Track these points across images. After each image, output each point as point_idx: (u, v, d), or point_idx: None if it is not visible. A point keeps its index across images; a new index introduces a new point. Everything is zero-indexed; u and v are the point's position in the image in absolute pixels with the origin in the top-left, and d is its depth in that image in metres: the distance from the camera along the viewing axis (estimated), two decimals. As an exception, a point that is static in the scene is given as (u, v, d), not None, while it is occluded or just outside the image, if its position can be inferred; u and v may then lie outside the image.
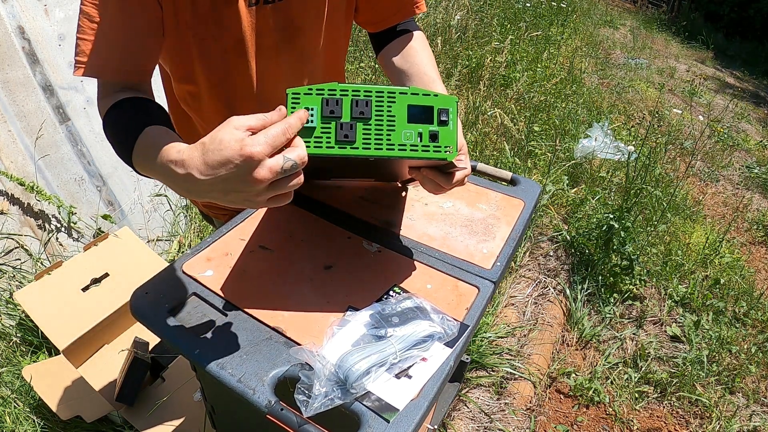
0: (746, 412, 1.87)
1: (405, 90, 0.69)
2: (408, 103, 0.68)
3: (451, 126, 0.69)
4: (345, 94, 0.67)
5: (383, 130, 0.67)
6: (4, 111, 1.63)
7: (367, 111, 0.67)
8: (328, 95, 0.66)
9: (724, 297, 2.30)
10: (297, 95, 0.66)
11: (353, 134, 0.66)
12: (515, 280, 2.26)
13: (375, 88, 0.68)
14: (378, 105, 0.68)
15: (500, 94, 3.26)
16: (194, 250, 0.88)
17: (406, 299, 0.78)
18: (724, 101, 4.73)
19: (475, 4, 4.21)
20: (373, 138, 0.67)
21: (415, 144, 0.68)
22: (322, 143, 0.66)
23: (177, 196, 2.15)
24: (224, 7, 0.81)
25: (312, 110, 0.66)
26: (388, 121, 0.68)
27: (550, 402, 1.84)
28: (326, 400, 0.63)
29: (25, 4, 1.65)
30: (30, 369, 1.42)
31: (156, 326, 0.75)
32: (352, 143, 0.66)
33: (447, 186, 0.77)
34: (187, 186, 0.59)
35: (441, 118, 0.69)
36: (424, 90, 0.69)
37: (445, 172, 0.77)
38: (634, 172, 2.47)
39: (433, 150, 0.68)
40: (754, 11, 7.68)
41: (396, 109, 0.68)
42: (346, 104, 0.67)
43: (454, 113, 0.69)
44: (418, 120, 0.68)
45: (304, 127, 0.65)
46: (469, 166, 0.79)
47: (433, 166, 0.76)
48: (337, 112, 0.66)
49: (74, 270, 1.63)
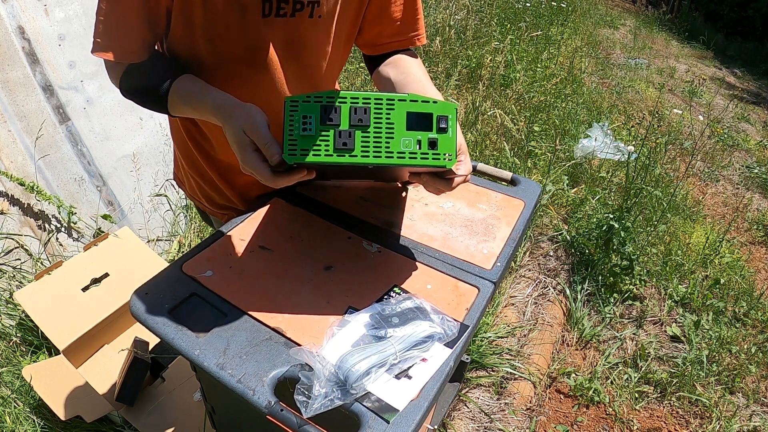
0: (746, 412, 1.87)
1: (404, 97, 0.68)
2: (407, 110, 0.68)
3: (450, 133, 0.68)
4: (343, 101, 0.66)
5: (382, 137, 0.67)
6: (4, 111, 1.63)
7: (366, 118, 0.66)
8: (326, 103, 0.66)
9: (724, 297, 2.30)
10: (295, 102, 0.66)
11: (352, 142, 0.66)
12: (515, 280, 2.26)
13: (374, 95, 0.68)
14: (377, 112, 0.67)
15: (500, 94, 3.26)
16: (194, 250, 0.88)
17: (406, 300, 0.78)
18: (724, 101, 4.73)
19: (475, 4, 4.21)
20: (371, 146, 0.66)
21: (414, 151, 0.67)
22: (321, 151, 0.65)
23: (177, 196, 2.15)
24: (238, 13, 0.82)
25: (310, 118, 0.65)
26: (386, 128, 0.67)
27: (550, 402, 1.84)
28: (326, 400, 0.63)
29: (25, 4, 1.65)
30: (30, 369, 1.42)
31: (156, 326, 0.75)
32: (351, 151, 0.66)
33: (448, 189, 0.78)
34: None
35: (440, 126, 0.68)
36: (423, 97, 0.69)
37: (445, 178, 0.77)
38: (634, 172, 2.47)
39: (432, 157, 0.68)
40: (754, 11, 7.68)
41: (395, 117, 0.67)
42: (344, 112, 0.66)
43: (453, 120, 0.68)
44: (417, 127, 0.68)
45: (303, 136, 0.65)
46: (470, 166, 0.79)
47: (433, 173, 0.76)
48: (335, 120, 0.66)
49: (74, 270, 1.63)
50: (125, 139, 1.95)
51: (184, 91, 0.82)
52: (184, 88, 0.82)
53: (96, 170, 1.88)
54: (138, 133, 1.99)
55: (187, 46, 0.86)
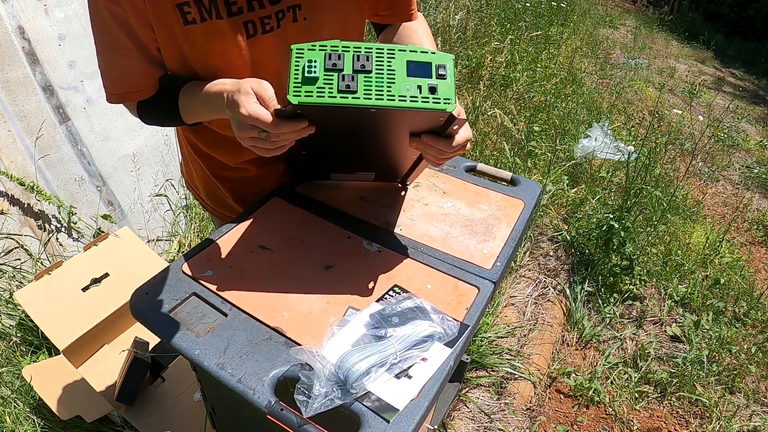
0: (746, 412, 1.87)
1: (404, 47, 0.72)
2: (407, 59, 0.71)
3: (449, 80, 0.71)
4: (347, 49, 0.69)
5: (383, 81, 0.69)
6: (4, 111, 1.63)
7: (368, 64, 0.69)
8: (330, 50, 0.69)
9: (724, 297, 2.30)
10: (301, 50, 0.69)
11: (355, 85, 0.68)
12: (515, 280, 2.26)
13: (375, 45, 0.71)
14: (378, 59, 0.70)
15: (500, 94, 3.26)
16: (194, 250, 0.88)
17: (406, 299, 0.78)
18: (724, 101, 4.73)
19: (475, 4, 4.21)
20: (374, 88, 0.69)
21: (415, 95, 0.69)
22: (325, 93, 0.67)
23: (177, 196, 2.15)
24: (219, 42, 0.82)
25: (315, 62, 0.68)
26: (388, 73, 0.70)
27: (550, 402, 1.84)
28: (326, 400, 0.63)
29: (25, 4, 1.65)
30: (30, 369, 1.42)
31: (156, 326, 0.75)
32: (354, 93, 0.68)
33: (448, 150, 0.78)
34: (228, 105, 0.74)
35: (439, 73, 0.71)
36: (422, 48, 0.72)
37: (445, 136, 0.77)
38: (634, 172, 2.47)
39: (433, 101, 0.70)
40: (754, 11, 7.68)
41: (396, 64, 0.70)
42: (347, 58, 0.69)
43: (451, 69, 0.71)
44: (416, 74, 0.70)
45: (307, 77, 0.68)
46: (469, 133, 0.80)
47: (433, 132, 0.77)
48: (339, 65, 0.68)
49: (74, 270, 1.63)
50: (125, 139, 1.95)
51: (190, 91, 0.85)
52: (189, 90, 0.85)
53: (96, 170, 1.88)
54: (138, 133, 1.99)
55: (187, 74, 0.87)
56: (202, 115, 0.86)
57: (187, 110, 0.87)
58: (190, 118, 0.88)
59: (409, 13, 0.99)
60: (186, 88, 0.86)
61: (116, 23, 0.78)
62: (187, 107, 0.86)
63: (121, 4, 0.76)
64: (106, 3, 0.77)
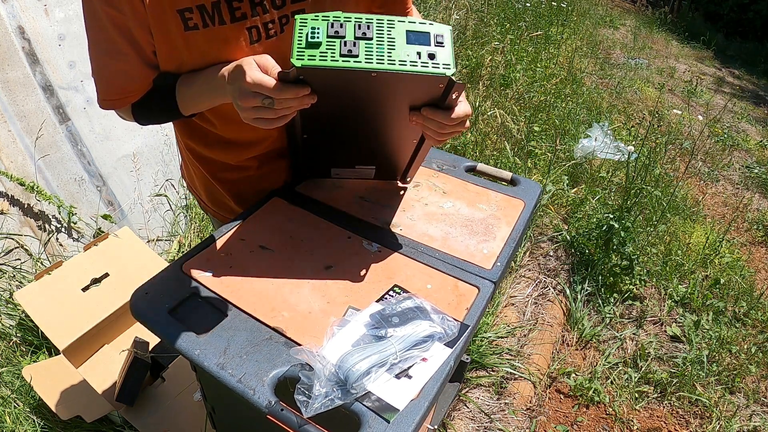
0: (746, 412, 1.87)
1: (403, 19, 0.75)
2: (406, 28, 0.74)
3: (448, 48, 0.74)
4: (348, 19, 0.73)
5: (384, 47, 0.72)
6: (4, 111, 1.63)
7: (369, 32, 0.72)
8: (333, 19, 0.72)
9: (724, 297, 2.30)
10: (304, 20, 0.71)
11: (356, 50, 0.71)
12: (515, 280, 2.26)
13: (376, 16, 0.74)
14: (378, 28, 0.73)
15: (500, 94, 3.26)
16: (194, 250, 0.88)
17: (406, 299, 0.78)
18: (723, 101, 4.73)
19: (475, 4, 4.21)
20: (375, 53, 0.71)
21: (415, 60, 0.72)
22: (327, 57, 0.70)
23: (177, 196, 2.15)
24: (220, 47, 0.82)
25: (318, 29, 0.71)
26: (388, 41, 0.73)
27: (550, 402, 1.84)
28: (326, 400, 0.63)
29: (25, 4, 1.65)
30: (30, 369, 1.42)
31: (156, 326, 0.75)
32: (356, 57, 0.70)
33: (448, 123, 0.78)
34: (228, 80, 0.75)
35: (437, 41, 0.74)
36: (420, 20, 0.75)
37: (444, 108, 0.78)
38: (634, 172, 2.47)
39: (432, 66, 0.72)
40: (754, 13, 7.68)
41: (396, 33, 0.73)
42: (349, 27, 0.72)
43: (449, 38, 0.74)
44: (416, 42, 0.73)
45: (310, 42, 0.70)
46: (469, 109, 0.80)
47: (433, 104, 0.79)
48: (341, 33, 0.71)
49: (74, 270, 1.63)
50: (125, 139, 1.95)
51: (188, 81, 0.84)
52: (187, 80, 0.85)
53: (96, 170, 1.88)
54: (138, 133, 1.99)
55: None
56: (202, 101, 0.86)
57: (184, 100, 0.86)
58: (188, 108, 0.87)
59: (405, 10, 1.00)
60: (182, 78, 0.86)
61: (115, 28, 0.78)
62: (184, 97, 0.86)
63: (121, 8, 0.76)
64: (105, 8, 0.76)
